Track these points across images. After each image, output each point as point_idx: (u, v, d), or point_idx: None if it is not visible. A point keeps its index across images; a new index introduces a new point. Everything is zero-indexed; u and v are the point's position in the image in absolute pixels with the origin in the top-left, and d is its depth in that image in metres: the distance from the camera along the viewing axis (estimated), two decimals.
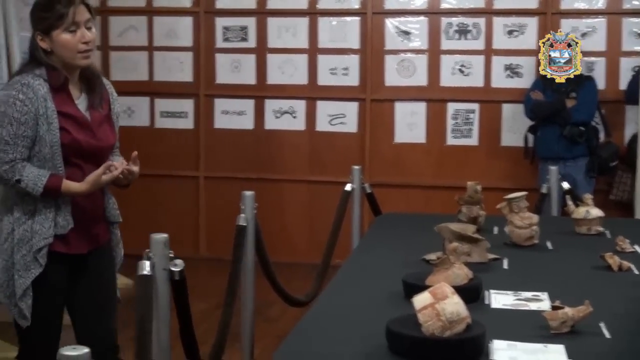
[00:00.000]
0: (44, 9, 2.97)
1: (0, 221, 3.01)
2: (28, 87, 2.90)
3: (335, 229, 4.86)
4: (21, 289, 2.93)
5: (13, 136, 2.89)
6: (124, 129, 6.87)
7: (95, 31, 3.05)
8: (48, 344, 3.03)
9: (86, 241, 3.08)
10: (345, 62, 6.80)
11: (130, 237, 6.36)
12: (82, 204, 3.03)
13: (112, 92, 3.21)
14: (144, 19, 7.05)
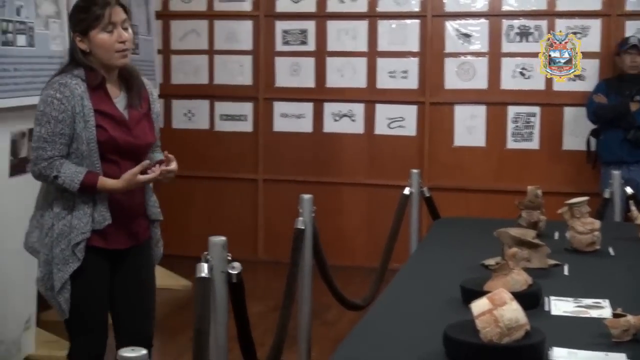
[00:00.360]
0: (82, 10, 3.07)
1: (42, 217, 3.08)
2: (65, 87, 2.99)
3: (394, 233, 4.84)
4: (60, 283, 3.01)
5: (51, 134, 2.97)
6: (184, 131, 7.10)
7: (132, 32, 3.13)
8: (93, 337, 3.13)
9: (125, 237, 3.15)
10: (405, 65, 6.77)
11: (189, 239, 6.52)
12: (120, 201, 3.09)
13: (151, 92, 3.28)
14: (204, 23, 7.11)
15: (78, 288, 3.04)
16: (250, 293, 3.11)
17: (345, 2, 6.85)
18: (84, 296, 3.07)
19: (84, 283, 3.05)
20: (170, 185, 6.76)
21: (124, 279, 3.22)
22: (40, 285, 3.10)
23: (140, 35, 5.83)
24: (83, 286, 3.05)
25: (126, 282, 3.23)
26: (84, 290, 3.06)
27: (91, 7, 3.04)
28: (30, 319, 4.47)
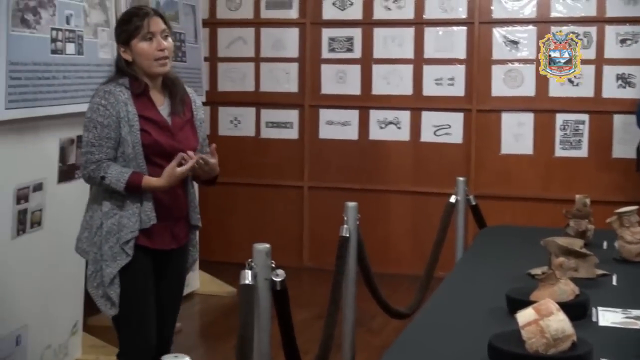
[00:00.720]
0: (124, 23, 3.26)
1: (91, 218, 3.21)
2: (110, 94, 3.14)
3: (439, 241, 4.81)
4: (109, 278, 3.12)
5: (98, 138, 3.12)
6: (230, 138, 7.14)
7: (172, 41, 3.28)
8: (142, 332, 3.22)
9: (169, 238, 3.26)
10: (451, 72, 6.74)
11: (234, 246, 6.55)
12: (164, 202, 3.21)
13: (194, 100, 3.40)
14: (251, 31, 7.15)
15: (127, 284, 3.16)
16: (295, 300, 3.11)
17: (392, 10, 6.85)
18: (132, 291, 3.17)
19: (133, 279, 3.16)
20: (216, 192, 6.86)
21: (163, 280, 3.31)
22: (90, 283, 3.21)
23: (187, 43, 5.88)
24: (132, 282, 3.16)
25: (165, 283, 3.33)
26: (132, 286, 3.17)
27: (132, 18, 3.23)
28: (78, 324, 4.53)
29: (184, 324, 5.32)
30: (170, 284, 3.36)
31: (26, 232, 4.01)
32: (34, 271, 4.08)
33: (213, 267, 6.29)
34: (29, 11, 3.88)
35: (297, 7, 7.04)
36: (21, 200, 3.96)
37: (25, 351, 4.06)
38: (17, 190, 3.92)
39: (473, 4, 6.66)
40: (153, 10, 3.29)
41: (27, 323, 4.06)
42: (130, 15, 3.26)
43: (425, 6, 6.76)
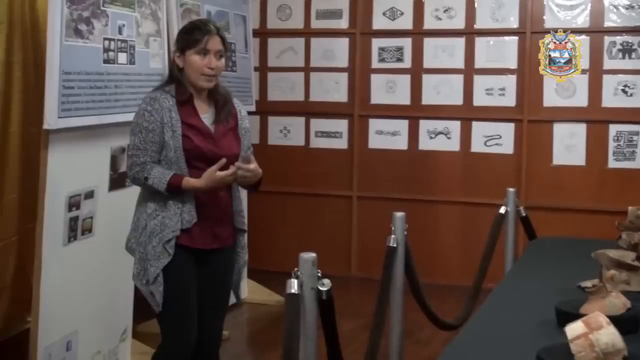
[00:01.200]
0: (185, 32, 3.43)
1: (138, 219, 3.36)
2: (155, 100, 3.30)
3: (488, 252, 4.77)
4: (153, 276, 3.25)
5: (143, 142, 3.28)
6: (279, 148, 7.17)
7: (224, 62, 3.42)
8: (184, 329, 3.33)
9: (209, 238, 3.36)
10: (502, 82, 6.68)
11: (283, 254, 6.56)
12: (205, 203, 3.32)
13: (240, 110, 3.53)
14: (301, 41, 7.18)
15: (170, 282, 3.28)
16: (343, 310, 3.11)
17: (443, 19, 6.82)
18: (174, 289, 3.29)
19: (175, 277, 3.28)
20: (266, 201, 6.89)
21: (204, 279, 3.41)
22: (136, 281, 3.35)
23: (237, 52, 5.92)
24: (174, 280, 3.28)
25: (207, 282, 3.42)
26: (175, 284, 3.29)
27: (194, 30, 3.39)
28: (127, 330, 4.57)
29: (232, 332, 5.34)
30: (213, 283, 3.45)
31: (77, 239, 4.07)
32: (85, 277, 4.14)
33: (262, 275, 6.30)
34: (82, 22, 3.94)
35: (347, 17, 7.05)
36: (73, 207, 4.02)
37: (76, 356, 4.12)
38: (69, 197, 3.98)
39: (525, 14, 6.60)
40: (216, 29, 3.40)
41: (77, 329, 4.11)
42: (194, 28, 3.42)
43: (476, 16, 6.72)
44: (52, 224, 3.88)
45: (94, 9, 4.04)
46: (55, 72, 3.77)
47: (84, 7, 3.96)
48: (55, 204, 3.89)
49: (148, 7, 4.55)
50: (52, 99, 3.77)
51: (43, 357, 3.87)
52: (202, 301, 3.41)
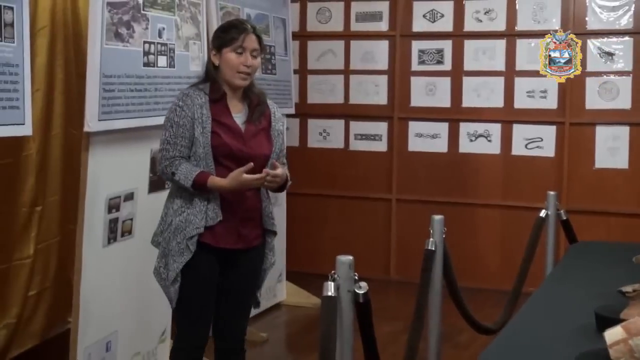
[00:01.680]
0: (222, 30, 3.49)
1: (165, 215, 3.42)
2: (187, 97, 3.36)
3: (528, 256, 4.73)
4: (174, 273, 3.30)
5: (173, 137, 3.32)
6: (319, 150, 7.18)
7: (260, 61, 3.47)
8: (197, 328, 3.39)
9: (234, 238, 3.38)
10: (544, 84, 6.60)
11: (321, 257, 6.57)
12: (232, 203, 3.34)
13: (274, 112, 3.54)
14: (341, 43, 7.18)
15: (188, 280, 3.32)
16: (381, 313, 3.11)
17: (483, 21, 6.78)
18: (192, 288, 3.33)
19: (194, 276, 3.32)
20: (305, 204, 6.92)
21: (228, 280, 3.44)
22: (156, 275, 3.40)
23: (277, 55, 5.93)
24: (192, 279, 3.32)
25: (231, 283, 3.45)
26: (193, 283, 3.33)
27: (231, 29, 3.44)
28: (166, 331, 4.60)
29: (270, 334, 5.36)
30: (237, 283, 3.46)
31: (117, 241, 4.11)
32: (124, 279, 4.18)
33: (300, 278, 6.31)
34: (122, 25, 3.97)
35: (387, 19, 7.04)
36: (113, 209, 4.05)
37: (115, 357, 4.15)
38: (109, 199, 4.02)
39: (567, 15, 6.53)
40: (253, 29, 3.45)
41: (117, 329, 4.15)
42: (231, 26, 3.48)
43: (517, 17, 6.67)
44: (92, 225, 3.92)
45: (134, 13, 4.07)
46: (96, 76, 3.81)
47: (125, 11, 3.99)
48: (95, 206, 3.93)
49: (188, 11, 4.58)
50: (93, 102, 3.81)
51: (83, 357, 3.91)
52: (225, 302, 3.45)
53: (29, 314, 4.64)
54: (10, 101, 3.48)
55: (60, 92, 4.74)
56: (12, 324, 4.50)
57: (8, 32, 3.46)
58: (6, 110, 3.46)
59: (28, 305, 4.62)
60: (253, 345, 4.98)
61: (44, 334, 4.76)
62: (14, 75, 3.50)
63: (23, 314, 4.58)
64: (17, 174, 4.50)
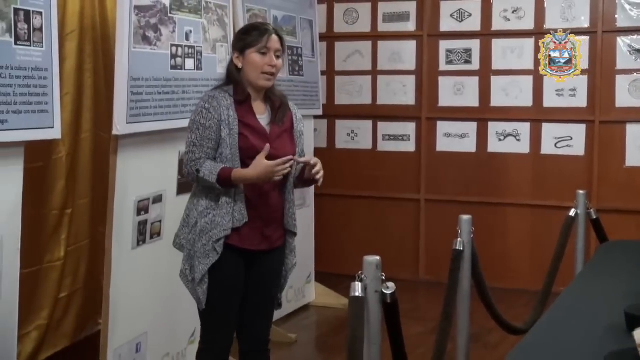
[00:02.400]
0: (244, 32, 3.50)
1: (188, 216, 3.42)
2: (213, 99, 3.36)
3: (558, 256, 4.70)
4: (200, 275, 3.30)
5: (200, 139, 3.32)
6: (347, 151, 7.18)
7: (282, 62, 3.46)
8: (224, 330, 3.42)
9: (259, 239, 3.39)
10: (574, 83, 6.55)
11: (350, 258, 6.56)
12: (257, 204, 3.36)
13: (296, 113, 3.57)
14: (368, 44, 7.17)
15: (215, 281, 3.33)
16: (410, 314, 3.11)
17: (511, 20, 6.74)
18: (220, 289, 3.34)
19: (221, 277, 3.33)
20: (333, 205, 6.92)
21: (252, 281, 3.45)
22: (182, 278, 3.41)
23: (304, 57, 5.94)
24: (220, 280, 3.34)
25: (255, 283, 3.46)
26: (220, 284, 3.34)
27: (253, 31, 3.46)
28: (195, 333, 4.61)
29: (299, 335, 5.37)
30: (261, 284, 3.47)
31: (146, 243, 4.14)
32: (154, 280, 4.20)
33: (329, 279, 6.32)
34: (150, 28, 4.00)
35: (414, 19, 7.03)
36: (141, 211, 4.08)
37: (145, 358, 4.18)
38: (138, 202, 4.05)
39: (596, 13, 6.48)
40: (274, 30, 3.47)
41: (146, 331, 4.17)
42: (252, 28, 3.50)
43: (546, 16, 6.62)
44: (122, 227, 3.95)
45: (162, 16, 4.10)
46: (124, 79, 3.84)
47: (152, 14, 4.02)
48: (124, 208, 3.96)
49: (215, 13, 4.60)
50: (121, 105, 3.84)
51: (113, 359, 3.94)
52: (249, 302, 3.46)
53: (60, 315, 4.68)
54: (40, 105, 3.53)
55: (89, 96, 4.78)
56: (44, 325, 4.54)
57: (37, 37, 3.50)
58: (36, 114, 3.50)
59: (59, 307, 4.66)
60: (282, 346, 5.00)
61: (74, 336, 4.80)
62: (43, 80, 3.54)
63: (54, 316, 4.62)
64: (48, 177, 4.54)
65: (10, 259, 3.51)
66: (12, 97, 3.37)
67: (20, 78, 3.41)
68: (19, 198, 3.56)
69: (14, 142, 3.46)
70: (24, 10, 3.42)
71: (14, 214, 3.54)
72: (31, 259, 4.31)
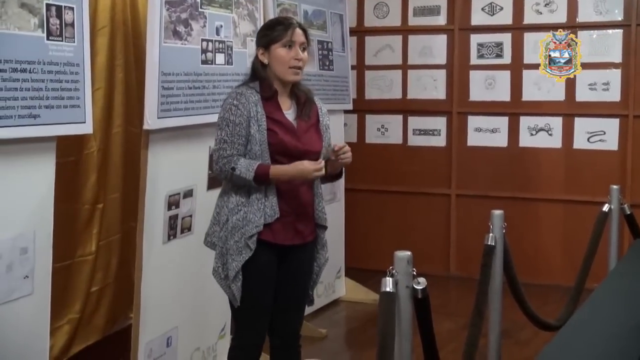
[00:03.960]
0: (268, 28, 3.49)
1: (218, 214, 3.42)
2: (241, 95, 3.35)
3: (591, 251, 4.65)
4: (234, 272, 3.30)
5: (230, 135, 3.31)
6: (377, 146, 7.17)
7: (307, 55, 3.45)
8: (258, 326, 3.41)
9: (291, 234, 3.40)
10: (606, 76, 6.49)
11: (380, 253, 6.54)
12: (287, 198, 3.36)
13: (321, 107, 3.58)
14: (398, 38, 7.14)
15: (249, 278, 3.32)
16: (441, 309, 3.09)
17: (543, 13, 6.67)
18: (253, 287, 3.34)
19: (255, 273, 3.33)
20: (363, 200, 6.91)
21: (284, 276, 3.44)
22: (215, 275, 3.40)
23: (334, 51, 5.93)
24: (253, 276, 3.33)
25: (287, 278, 3.45)
26: (253, 281, 3.33)
27: (276, 26, 3.45)
28: (225, 327, 4.63)
29: (329, 330, 5.36)
30: (293, 279, 3.47)
31: (177, 237, 4.14)
32: (184, 275, 4.21)
33: (359, 274, 6.31)
34: (180, 23, 4.01)
35: (445, 13, 6.99)
36: (172, 206, 4.09)
37: (176, 352, 4.19)
38: (169, 196, 4.06)
39: (630, 5, 6.40)
40: (297, 23, 3.46)
41: (177, 325, 4.19)
42: (276, 23, 3.49)
43: (579, 9, 6.55)
44: (152, 222, 3.96)
45: (192, 11, 4.10)
46: (155, 74, 3.84)
47: (182, 9, 4.03)
48: (155, 203, 3.97)
49: (245, 8, 4.60)
50: (152, 100, 3.84)
51: (144, 352, 3.95)
52: (281, 297, 3.45)
53: (92, 309, 4.71)
54: (71, 100, 3.54)
55: (120, 91, 4.80)
56: (75, 319, 4.57)
57: (69, 32, 3.52)
58: (67, 109, 3.52)
59: (90, 301, 4.69)
60: (312, 341, 4.99)
61: (105, 330, 4.83)
62: (74, 75, 3.55)
63: (86, 310, 4.66)
64: (79, 172, 4.57)
65: (42, 253, 3.54)
66: (44, 92, 3.39)
67: (52, 73, 3.43)
68: (51, 192, 3.58)
69: (46, 136, 3.48)
70: (55, 6, 3.44)
71: (46, 208, 3.56)
72: (63, 253, 4.35)
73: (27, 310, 3.48)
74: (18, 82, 3.26)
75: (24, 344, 3.49)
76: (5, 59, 3.21)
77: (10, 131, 3.25)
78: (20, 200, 3.40)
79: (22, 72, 3.28)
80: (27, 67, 3.30)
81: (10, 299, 3.38)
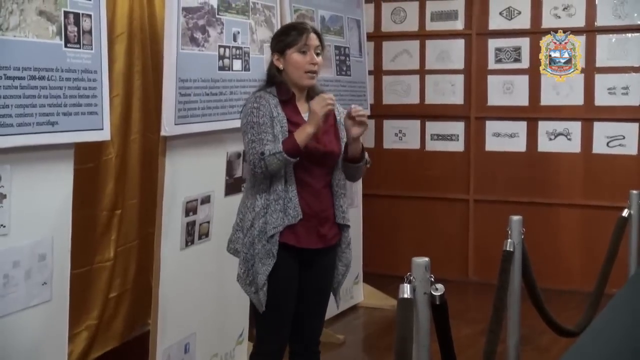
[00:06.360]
0: (282, 33, 3.52)
1: (242, 220, 3.41)
2: (261, 98, 3.38)
3: (611, 257, 4.62)
4: (264, 277, 3.30)
5: (257, 134, 3.30)
6: (395, 151, 7.15)
7: (322, 59, 3.47)
8: (281, 331, 3.42)
9: (315, 238, 3.39)
10: (626, 80, 6.45)
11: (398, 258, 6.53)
12: (310, 202, 3.37)
13: (337, 107, 3.54)
14: (416, 43, 7.13)
15: (274, 283, 3.32)
16: (460, 315, 3.07)
17: (562, 17, 6.64)
18: (277, 294, 3.34)
19: (278, 281, 3.33)
20: (381, 205, 6.89)
21: (307, 280, 3.44)
22: (240, 282, 3.40)
23: (352, 57, 5.92)
24: (278, 284, 3.33)
25: (309, 283, 3.45)
26: (278, 288, 3.33)
27: (291, 31, 3.48)
28: (243, 333, 4.63)
29: (347, 336, 5.35)
30: (316, 284, 3.48)
31: (194, 244, 4.15)
32: (202, 281, 4.22)
33: (377, 280, 6.29)
34: (197, 30, 4.01)
35: (462, 18, 6.97)
36: (190, 212, 4.10)
37: (194, 359, 4.20)
38: (186, 202, 4.06)
39: None
40: (311, 27, 3.49)
41: (195, 331, 4.19)
42: (290, 28, 3.52)
43: (597, 13, 6.52)
44: (170, 228, 3.97)
45: (209, 18, 4.11)
46: (172, 80, 3.85)
47: (200, 15, 4.03)
48: (173, 209, 3.98)
49: (262, 14, 4.60)
50: (169, 106, 3.85)
51: (162, 358, 3.96)
52: (304, 302, 3.45)
53: (110, 315, 4.72)
54: (89, 107, 3.55)
55: (138, 98, 4.81)
56: (93, 325, 4.58)
57: (86, 39, 3.53)
58: (85, 115, 3.53)
59: (109, 307, 4.70)
60: (330, 347, 4.98)
61: (124, 336, 4.84)
62: (92, 82, 3.57)
63: (104, 316, 4.66)
64: (97, 178, 4.58)
65: (60, 259, 3.55)
66: (62, 99, 3.40)
67: (70, 80, 3.44)
68: (69, 199, 3.59)
69: (64, 143, 3.50)
70: (73, 13, 3.45)
71: (64, 214, 3.57)
72: (81, 259, 4.35)
73: (45, 317, 3.49)
74: (36, 89, 3.28)
75: (42, 350, 3.50)
76: (24, 67, 3.22)
77: (29, 138, 3.26)
78: (38, 207, 3.42)
79: (41, 79, 3.30)
80: (45, 75, 3.32)
81: (29, 306, 3.40)
